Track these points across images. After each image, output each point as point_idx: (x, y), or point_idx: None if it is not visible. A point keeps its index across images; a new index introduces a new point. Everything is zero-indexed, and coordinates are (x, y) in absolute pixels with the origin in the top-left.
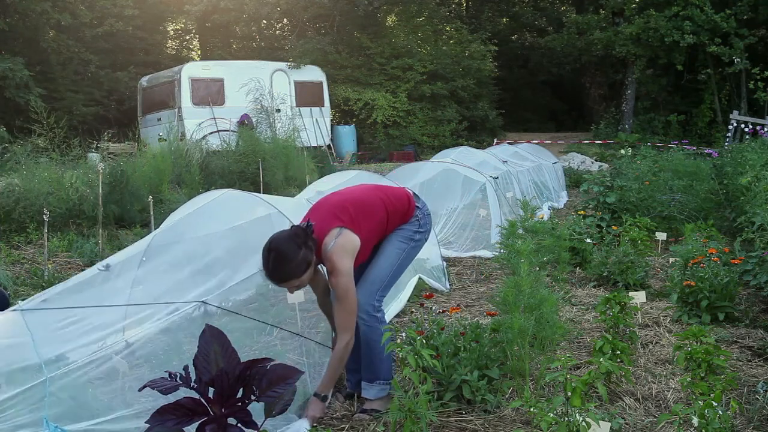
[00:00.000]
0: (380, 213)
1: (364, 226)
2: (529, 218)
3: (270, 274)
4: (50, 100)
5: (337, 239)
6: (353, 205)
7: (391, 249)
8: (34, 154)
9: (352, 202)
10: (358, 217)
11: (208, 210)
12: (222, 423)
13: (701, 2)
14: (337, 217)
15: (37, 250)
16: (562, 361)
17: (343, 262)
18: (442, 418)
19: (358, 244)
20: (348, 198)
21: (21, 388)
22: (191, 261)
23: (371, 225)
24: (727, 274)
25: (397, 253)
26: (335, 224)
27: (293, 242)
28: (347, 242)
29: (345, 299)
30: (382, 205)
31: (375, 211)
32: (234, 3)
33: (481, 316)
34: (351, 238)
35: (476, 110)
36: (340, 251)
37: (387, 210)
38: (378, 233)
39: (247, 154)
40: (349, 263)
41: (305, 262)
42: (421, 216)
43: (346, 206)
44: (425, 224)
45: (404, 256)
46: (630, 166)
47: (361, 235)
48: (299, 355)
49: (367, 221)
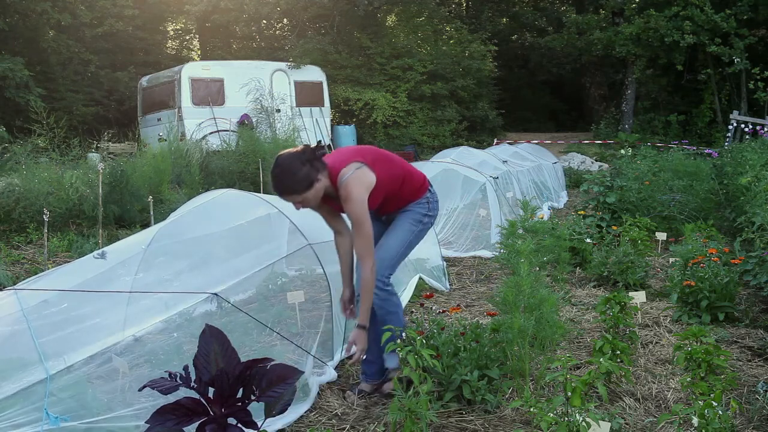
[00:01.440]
0: (397, 170)
1: (379, 173)
2: (529, 218)
3: (274, 186)
4: (50, 100)
5: (355, 171)
6: (373, 153)
7: (401, 228)
8: (34, 154)
9: (373, 151)
10: (375, 163)
11: (208, 209)
12: (222, 423)
13: (701, 2)
14: (358, 156)
15: (37, 250)
16: (562, 361)
17: (358, 190)
18: (442, 418)
19: (374, 181)
20: (370, 148)
21: (21, 387)
22: (190, 261)
23: (386, 175)
24: (727, 274)
25: (407, 232)
26: (355, 160)
27: (298, 158)
28: (364, 176)
29: (361, 226)
30: (400, 166)
31: (393, 166)
32: (234, 3)
33: (481, 316)
34: (368, 174)
35: (476, 110)
36: (356, 181)
37: (404, 173)
38: (391, 188)
39: (247, 154)
40: (364, 194)
41: (307, 179)
42: (431, 199)
43: (366, 152)
44: (434, 209)
45: (413, 237)
46: (630, 166)
47: (378, 174)
48: (299, 355)
49: (383, 170)
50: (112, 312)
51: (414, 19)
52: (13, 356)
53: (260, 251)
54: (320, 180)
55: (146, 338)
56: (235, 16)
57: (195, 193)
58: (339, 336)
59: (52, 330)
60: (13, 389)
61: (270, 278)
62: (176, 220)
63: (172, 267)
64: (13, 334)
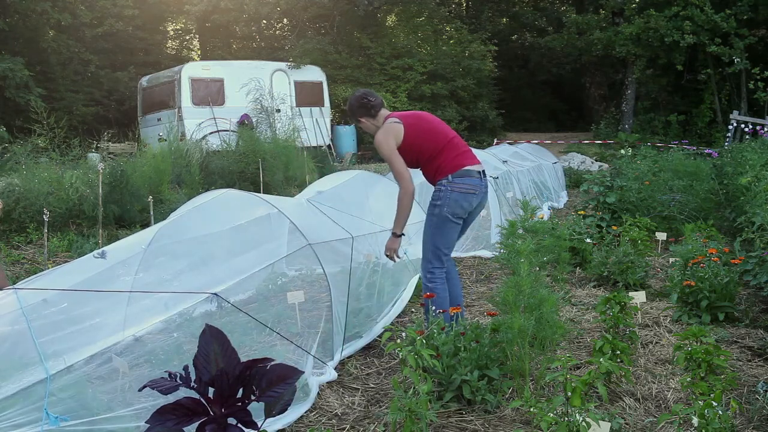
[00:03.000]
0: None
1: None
2: (529, 218)
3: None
4: (50, 100)
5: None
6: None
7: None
8: (34, 154)
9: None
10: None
11: (208, 209)
12: (222, 423)
13: (701, 2)
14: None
15: (37, 250)
16: (562, 361)
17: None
18: (442, 418)
19: (400, 134)
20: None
21: (21, 387)
22: (190, 261)
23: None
24: (727, 274)
25: (427, 228)
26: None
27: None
28: (392, 128)
29: (390, 161)
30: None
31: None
32: (234, 3)
33: (481, 316)
34: (397, 128)
35: (476, 110)
36: (384, 130)
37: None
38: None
39: (247, 154)
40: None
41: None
42: (445, 187)
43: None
44: (444, 197)
45: (432, 230)
46: (630, 166)
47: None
48: (299, 355)
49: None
50: (112, 312)
51: (414, 19)
52: (13, 356)
53: (260, 251)
54: (365, 120)
55: (146, 338)
56: (235, 16)
57: (195, 193)
58: (339, 336)
59: (52, 330)
60: (13, 389)
61: (270, 278)
62: (176, 220)
63: (172, 267)
64: (12, 333)
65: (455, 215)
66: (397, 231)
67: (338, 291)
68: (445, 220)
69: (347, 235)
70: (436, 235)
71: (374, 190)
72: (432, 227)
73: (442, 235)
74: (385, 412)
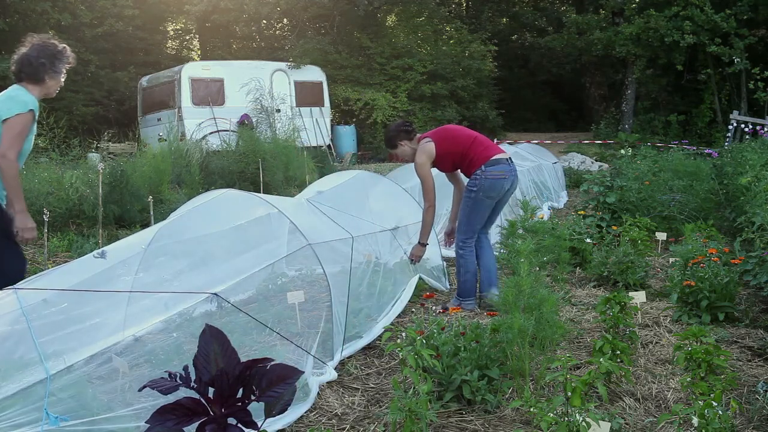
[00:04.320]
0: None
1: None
2: (529, 218)
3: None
4: (50, 100)
5: (424, 144)
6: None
7: (461, 205)
8: (34, 154)
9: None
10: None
11: (208, 209)
12: (222, 423)
13: (701, 2)
14: (431, 135)
15: (37, 250)
16: (562, 361)
17: (419, 157)
18: (442, 418)
19: (432, 152)
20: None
21: (21, 387)
22: (190, 261)
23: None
24: (727, 274)
25: (464, 208)
26: (428, 137)
27: (393, 128)
28: (427, 148)
29: (423, 181)
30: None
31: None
32: (234, 3)
33: (481, 316)
34: (430, 147)
35: (476, 110)
36: (420, 151)
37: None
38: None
39: (247, 154)
40: (424, 160)
41: (393, 142)
42: (479, 176)
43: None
44: (481, 184)
45: (468, 210)
46: (630, 166)
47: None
48: (299, 355)
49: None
50: (112, 312)
51: (414, 19)
52: (14, 356)
53: (260, 251)
54: (404, 145)
55: (146, 338)
56: (235, 16)
57: (195, 193)
58: (339, 336)
59: (52, 330)
60: (13, 389)
61: (270, 278)
62: (176, 220)
63: (172, 267)
64: (13, 333)
65: (489, 197)
66: (423, 240)
67: (338, 291)
68: (479, 202)
69: (347, 235)
70: (471, 215)
71: (374, 190)
72: (468, 208)
73: (476, 214)
74: (385, 412)
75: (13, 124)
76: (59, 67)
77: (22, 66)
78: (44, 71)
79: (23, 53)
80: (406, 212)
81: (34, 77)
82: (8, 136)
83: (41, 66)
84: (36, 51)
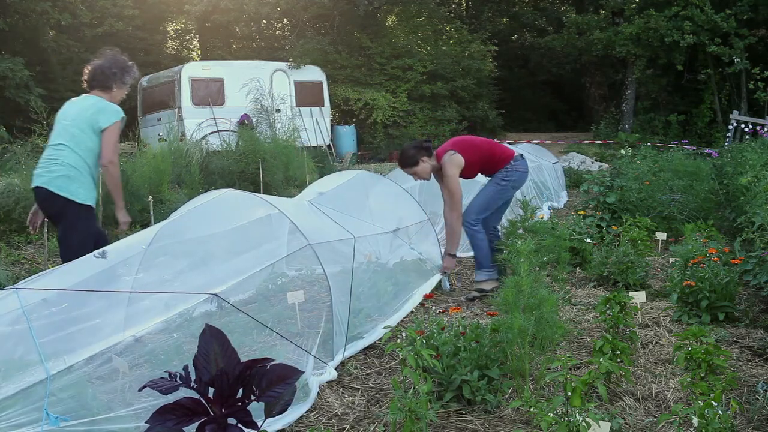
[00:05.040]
0: (482, 153)
1: (467, 156)
2: (529, 218)
3: (398, 162)
4: (50, 100)
5: (450, 156)
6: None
7: (485, 190)
8: (34, 154)
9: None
10: (464, 150)
11: (208, 209)
12: (222, 423)
13: (701, 2)
14: (454, 146)
15: (37, 250)
16: (562, 361)
17: (450, 169)
18: (442, 418)
19: (462, 163)
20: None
21: (21, 387)
22: (191, 261)
23: (473, 157)
24: (727, 274)
25: (489, 192)
26: (451, 149)
27: (413, 146)
28: (455, 159)
29: (454, 193)
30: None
31: (478, 150)
32: (234, 3)
33: (481, 316)
34: (458, 158)
35: (476, 110)
36: (449, 164)
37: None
38: (480, 163)
39: (247, 154)
40: (455, 171)
41: (415, 159)
42: (509, 169)
43: (458, 142)
44: (511, 176)
45: (492, 194)
46: (630, 166)
47: (465, 159)
48: (299, 355)
49: (469, 154)
50: (112, 312)
51: (414, 19)
52: (14, 356)
53: (260, 251)
54: (424, 161)
55: (146, 338)
56: (235, 16)
57: (195, 193)
58: (339, 336)
59: (53, 330)
60: (14, 389)
61: (270, 278)
62: (176, 220)
63: (172, 267)
64: (13, 333)
65: (514, 187)
66: (453, 251)
67: (339, 291)
68: (506, 191)
69: (348, 236)
70: (492, 200)
71: (374, 190)
72: (491, 194)
73: (496, 201)
74: (385, 412)
75: (112, 133)
76: (126, 79)
77: (95, 75)
78: (114, 80)
79: (97, 63)
80: (407, 212)
81: (104, 85)
82: (110, 143)
83: (113, 75)
84: (109, 62)
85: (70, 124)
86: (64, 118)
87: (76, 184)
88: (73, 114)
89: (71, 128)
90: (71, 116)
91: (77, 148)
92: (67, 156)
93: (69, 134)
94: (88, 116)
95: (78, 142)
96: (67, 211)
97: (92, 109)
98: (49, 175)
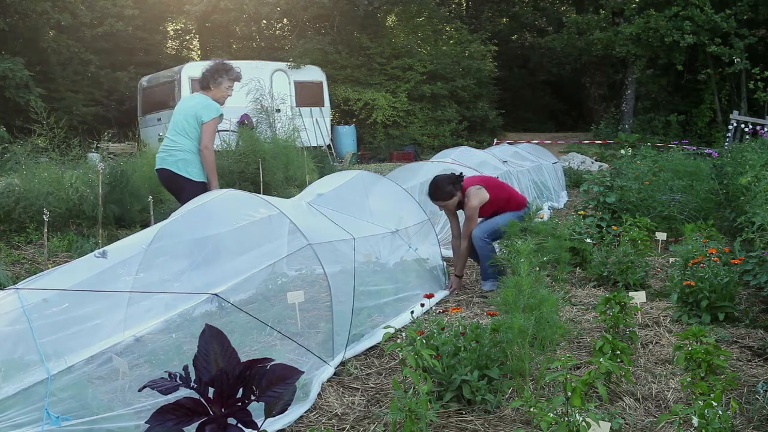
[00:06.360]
0: (504, 195)
1: (491, 194)
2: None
3: (429, 194)
4: (50, 100)
5: (476, 190)
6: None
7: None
8: (34, 154)
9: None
10: (490, 189)
11: (208, 209)
12: (222, 423)
13: (701, 2)
14: (480, 182)
15: (37, 250)
16: (562, 361)
17: (475, 201)
18: (442, 418)
19: (486, 198)
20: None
21: (22, 387)
22: (191, 261)
23: (495, 196)
24: (727, 274)
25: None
26: (478, 184)
27: (447, 179)
28: (480, 194)
29: (470, 221)
30: (507, 192)
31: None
32: (234, 3)
33: (481, 316)
34: (483, 193)
35: (476, 110)
36: (475, 196)
37: (508, 197)
38: (498, 203)
39: (247, 154)
40: (477, 204)
41: (449, 193)
42: (526, 210)
43: (485, 180)
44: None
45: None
46: (630, 166)
47: (489, 196)
48: (299, 355)
49: (493, 193)
50: (112, 312)
51: (414, 19)
52: (14, 356)
53: (260, 251)
54: (456, 195)
55: (146, 338)
56: (235, 16)
57: None
58: (339, 336)
59: (53, 330)
60: (14, 389)
61: (270, 278)
62: (177, 220)
63: (172, 267)
64: (14, 333)
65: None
66: (459, 273)
67: (338, 291)
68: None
69: (348, 236)
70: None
71: (374, 190)
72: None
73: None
74: (385, 412)
75: (210, 125)
76: (219, 80)
77: (200, 77)
78: (208, 81)
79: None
80: (407, 212)
81: (203, 84)
82: (208, 132)
83: (209, 77)
84: (210, 66)
85: (183, 118)
86: (178, 112)
87: (192, 166)
88: (185, 109)
89: (183, 121)
90: (183, 111)
91: (189, 136)
92: (183, 143)
93: (182, 126)
94: (194, 111)
95: (189, 132)
96: (186, 186)
97: (198, 105)
98: (171, 158)
